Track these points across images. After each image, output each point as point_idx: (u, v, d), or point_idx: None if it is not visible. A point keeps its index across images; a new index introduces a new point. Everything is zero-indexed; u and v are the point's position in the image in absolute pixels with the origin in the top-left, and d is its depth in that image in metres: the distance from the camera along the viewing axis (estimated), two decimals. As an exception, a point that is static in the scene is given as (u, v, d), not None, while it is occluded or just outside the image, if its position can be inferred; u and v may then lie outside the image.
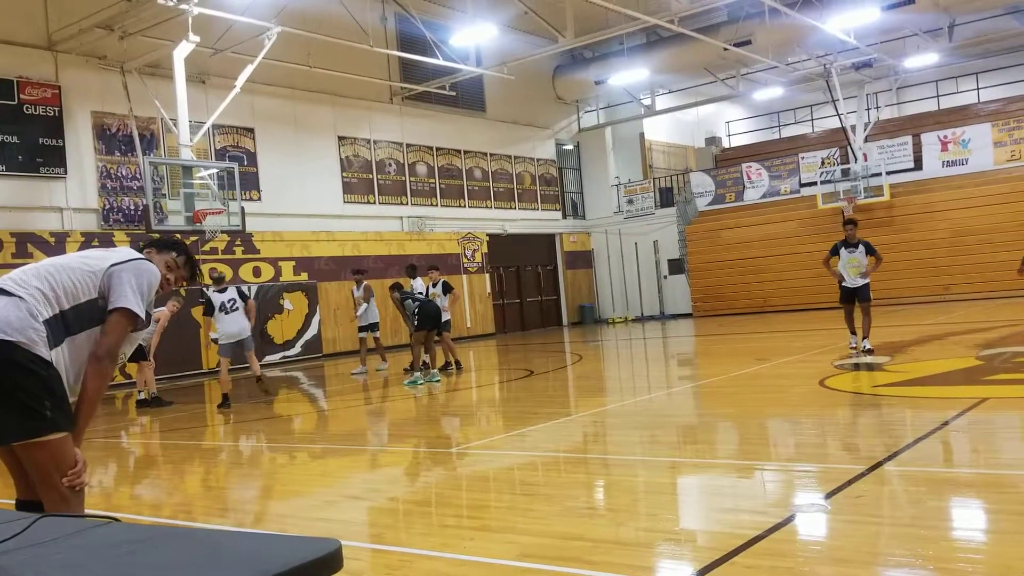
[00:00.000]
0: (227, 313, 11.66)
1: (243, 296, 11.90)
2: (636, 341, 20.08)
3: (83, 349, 3.15)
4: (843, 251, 11.82)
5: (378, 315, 16.35)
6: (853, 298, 11.84)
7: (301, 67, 19.78)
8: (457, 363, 14.76)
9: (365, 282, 16.02)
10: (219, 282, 12.23)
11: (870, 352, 11.48)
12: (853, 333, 12.00)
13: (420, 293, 14.67)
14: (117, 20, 16.23)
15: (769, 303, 25.14)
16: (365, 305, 15.83)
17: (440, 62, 21.27)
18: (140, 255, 3.41)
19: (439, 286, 14.53)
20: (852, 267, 11.77)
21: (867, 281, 11.74)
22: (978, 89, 27.77)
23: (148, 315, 3.33)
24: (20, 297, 3.03)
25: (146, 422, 11.37)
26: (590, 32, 21.29)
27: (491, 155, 26.82)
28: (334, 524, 5.06)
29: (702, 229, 27.25)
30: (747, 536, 4.05)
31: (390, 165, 23.62)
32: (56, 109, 16.79)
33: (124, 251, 3.40)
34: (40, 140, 16.53)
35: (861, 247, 11.74)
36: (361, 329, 16.12)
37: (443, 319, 14.07)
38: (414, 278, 15.39)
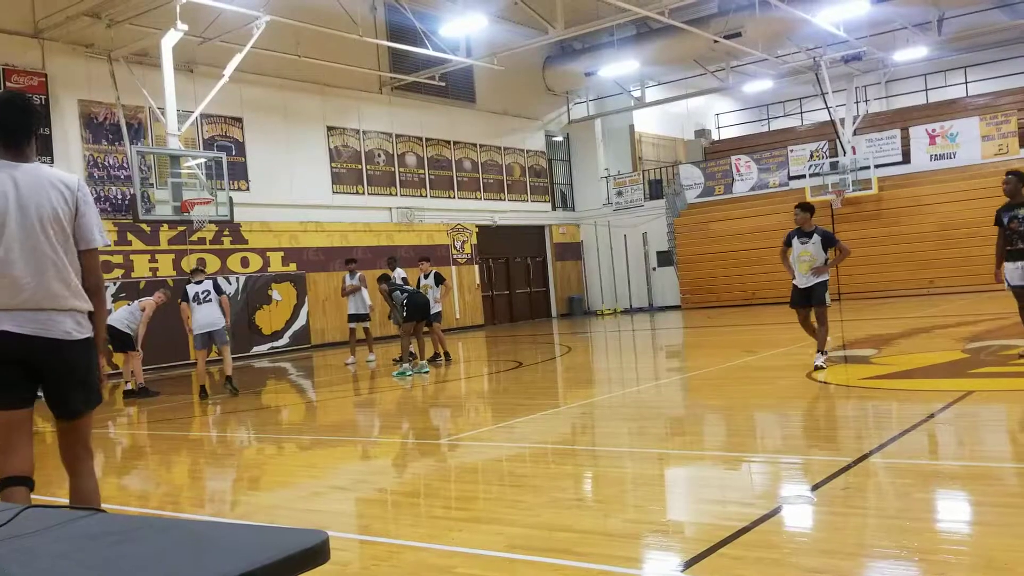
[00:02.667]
0: (200, 304, 11.76)
1: (218, 290, 11.96)
2: (625, 333, 20.12)
3: None
4: (795, 241, 9.85)
5: (368, 306, 16.14)
6: (807, 301, 9.80)
7: (290, 56, 19.68)
8: (446, 354, 14.76)
9: (359, 272, 15.87)
10: (195, 274, 12.33)
11: (820, 369, 9.55)
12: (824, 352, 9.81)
13: (403, 279, 14.68)
14: (104, 8, 16.09)
15: (757, 295, 25.20)
16: (364, 289, 15.59)
17: (430, 52, 21.20)
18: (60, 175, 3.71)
19: (431, 277, 14.51)
20: (803, 261, 9.72)
21: (821, 279, 9.61)
22: (966, 83, 27.87)
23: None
24: (77, 310, 3.51)
25: (133, 412, 11.33)
26: (580, 23, 21.25)
27: (481, 146, 26.77)
28: (322, 515, 5.06)
29: (691, 221, 27.29)
30: (734, 527, 4.07)
31: (379, 156, 23.55)
32: (42, 97, 16.65)
33: (50, 179, 3.62)
34: (26, 128, 16.39)
35: (816, 237, 9.71)
36: (351, 319, 16.00)
37: (434, 311, 14.06)
38: (394, 269, 15.37)
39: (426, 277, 14.54)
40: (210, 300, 11.71)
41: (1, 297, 3.36)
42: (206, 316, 11.67)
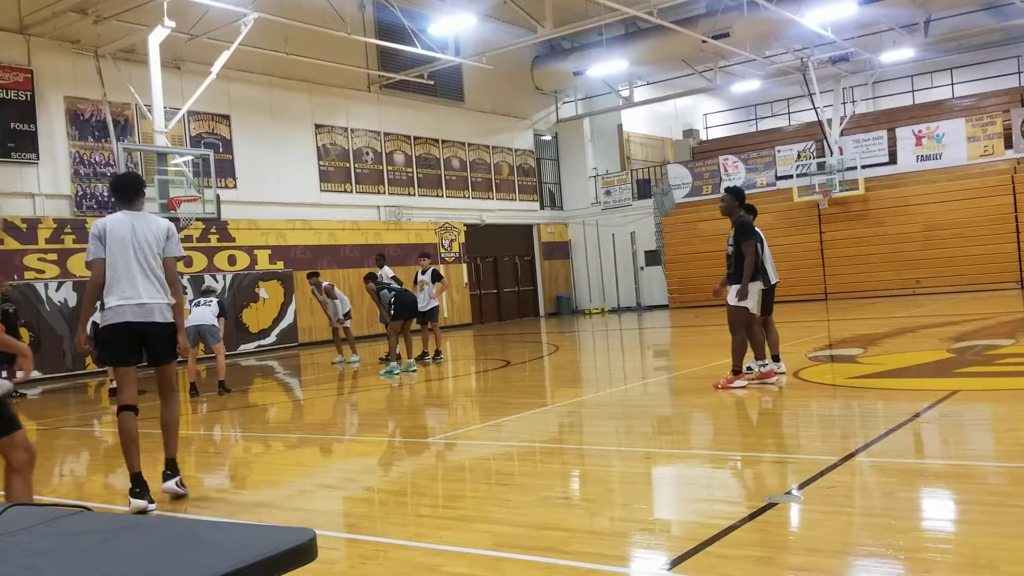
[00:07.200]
0: (198, 306, 11.87)
1: (222, 308, 12.06)
2: (612, 332, 20.14)
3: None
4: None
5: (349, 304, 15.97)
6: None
7: (278, 54, 19.62)
8: (437, 353, 14.71)
9: (325, 282, 15.63)
10: (205, 294, 12.57)
11: (751, 370, 9.03)
12: (776, 359, 9.30)
13: (392, 277, 14.61)
14: (91, 4, 16.02)
15: (744, 295, 25.24)
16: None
17: (418, 51, 21.17)
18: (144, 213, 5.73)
19: (428, 274, 14.44)
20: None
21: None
22: (952, 84, 28.03)
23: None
24: (166, 304, 5.61)
25: (119, 411, 11.25)
26: (569, 23, 21.27)
27: (469, 145, 26.76)
28: (309, 514, 5.04)
29: (679, 221, 27.34)
30: (721, 526, 4.08)
31: (367, 154, 23.50)
32: (28, 94, 16.55)
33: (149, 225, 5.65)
34: (12, 125, 16.30)
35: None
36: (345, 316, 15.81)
37: (429, 308, 14.04)
38: (382, 267, 15.27)
39: (423, 273, 14.45)
40: (209, 305, 11.84)
41: (128, 292, 5.42)
42: (199, 315, 11.70)
